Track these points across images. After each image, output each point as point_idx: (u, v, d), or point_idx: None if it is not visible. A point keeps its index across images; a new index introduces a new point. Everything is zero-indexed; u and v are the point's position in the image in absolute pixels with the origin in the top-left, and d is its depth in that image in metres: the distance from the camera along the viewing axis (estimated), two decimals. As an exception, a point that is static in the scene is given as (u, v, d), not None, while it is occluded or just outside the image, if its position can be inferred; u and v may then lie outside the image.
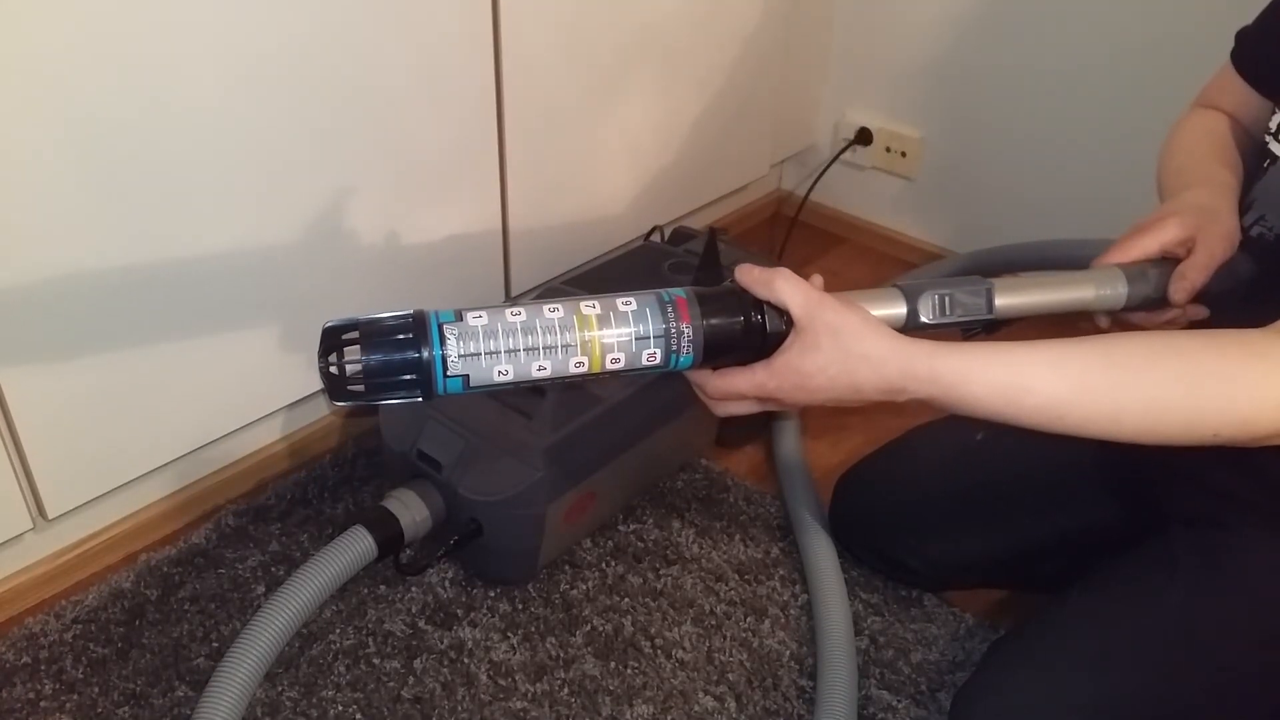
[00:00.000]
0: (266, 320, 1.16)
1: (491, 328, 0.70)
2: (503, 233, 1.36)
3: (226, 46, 1.00)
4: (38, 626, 1.09)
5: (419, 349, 0.69)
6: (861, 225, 1.86)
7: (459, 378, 0.70)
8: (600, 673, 1.07)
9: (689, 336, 0.73)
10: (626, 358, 0.73)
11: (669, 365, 0.74)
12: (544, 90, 1.32)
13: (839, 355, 0.72)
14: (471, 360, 0.70)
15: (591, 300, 0.73)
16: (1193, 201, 0.90)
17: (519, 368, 0.71)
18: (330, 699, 1.03)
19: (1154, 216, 0.90)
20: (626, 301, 0.73)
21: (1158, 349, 0.72)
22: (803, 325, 0.73)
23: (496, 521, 1.10)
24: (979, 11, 1.59)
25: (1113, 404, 0.71)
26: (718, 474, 1.32)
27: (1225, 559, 0.89)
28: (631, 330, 0.72)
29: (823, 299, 0.74)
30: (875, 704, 1.05)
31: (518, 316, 0.71)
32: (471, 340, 0.70)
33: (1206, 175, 0.93)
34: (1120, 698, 0.85)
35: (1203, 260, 0.86)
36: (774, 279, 0.74)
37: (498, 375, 0.71)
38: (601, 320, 0.72)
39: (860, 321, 0.73)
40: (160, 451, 1.15)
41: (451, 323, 0.70)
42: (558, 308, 0.72)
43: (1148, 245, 0.89)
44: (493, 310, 0.72)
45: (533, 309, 0.72)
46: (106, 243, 0.99)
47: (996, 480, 1.09)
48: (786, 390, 0.74)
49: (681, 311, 0.73)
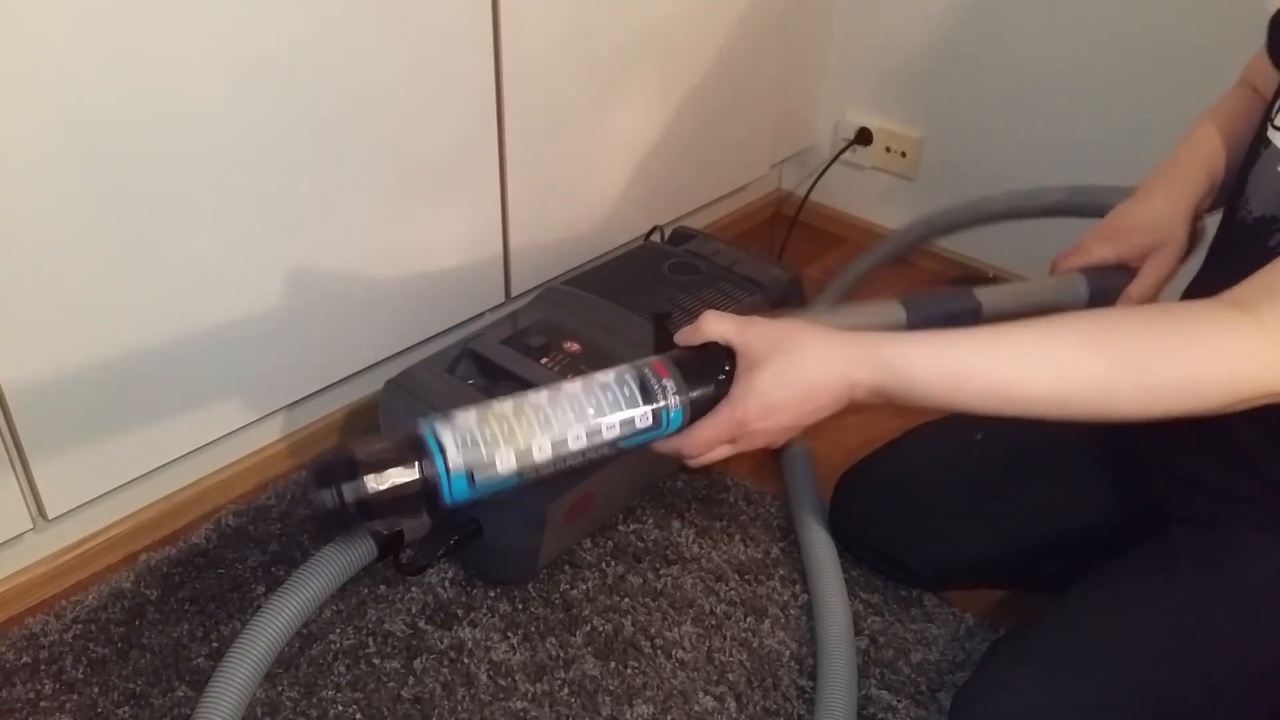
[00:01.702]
0: (267, 320, 1.16)
1: (483, 418, 0.69)
2: (503, 233, 1.36)
3: (226, 47, 1.00)
4: (38, 626, 1.09)
5: (417, 462, 0.67)
6: (862, 225, 1.86)
7: (462, 474, 0.68)
8: (600, 673, 1.07)
9: (673, 389, 0.73)
10: (621, 424, 0.72)
11: (663, 425, 0.74)
12: (544, 90, 1.32)
13: (784, 361, 0.73)
14: (470, 451, 0.68)
15: (573, 380, 0.73)
16: (1149, 217, 0.99)
17: (520, 450, 0.70)
18: (330, 699, 1.03)
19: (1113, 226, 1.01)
20: (605, 374, 0.74)
21: (1105, 329, 0.73)
22: (741, 349, 0.74)
23: (496, 521, 1.10)
24: (979, 11, 1.59)
25: (1060, 387, 0.72)
26: (718, 474, 1.32)
27: (1225, 559, 0.89)
28: (619, 396, 0.72)
29: (751, 320, 0.74)
30: (875, 704, 1.05)
31: (505, 403, 0.71)
32: (467, 439, 0.69)
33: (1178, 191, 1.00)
34: (1120, 698, 0.85)
35: (1151, 277, 0.98)
36: (701, 322, 0.75)
37: (501, 466, 0.69)
38: (586, 390, 0.72)
39: (793, 325, 0.74)
40: (160, 451, 1.15)
41: (444, 423, 0.69)
42: (542, 391, 0.72)
43: (1105, 255, 1.00)
44: (480, 407, 0.71)
45: (519, 398, 0.72)
46: (106, 242, 0.99)
47: (996, 480, 1.09)
48: (754, 417, 0.74)
49: (659, 370, 0.74)
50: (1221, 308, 0.72)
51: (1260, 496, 0.89)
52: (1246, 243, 0.88)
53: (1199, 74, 1.04)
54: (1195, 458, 0.92)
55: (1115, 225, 1.01)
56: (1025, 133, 1.61)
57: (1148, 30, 1.43)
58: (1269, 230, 0.86)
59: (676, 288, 1.28)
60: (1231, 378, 0.70)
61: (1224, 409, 0.72)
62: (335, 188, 1.15)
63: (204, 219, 1.05)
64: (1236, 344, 0.70)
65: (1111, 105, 1.50)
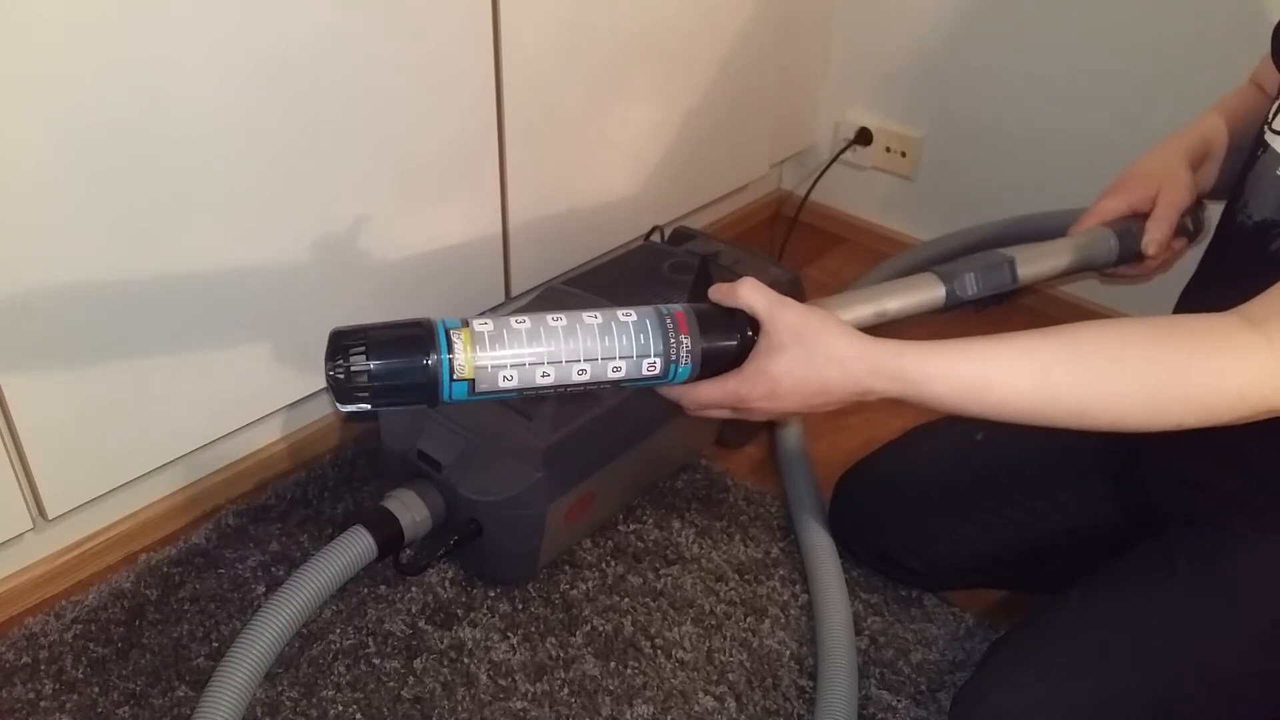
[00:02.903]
0: (267, 320, 1.16)
1: (497, 334, 0.71)
2: (503, 233, 1.36)
3: (227, 48, 1.00)
4: (38, 626, 1.09)
5: (426, 354, 0.70)
6: (861, 225, 1.86)
7: (464, 382, 0.71)
8: (600, 673, 1.07)
9: (688, 348, 0.75)
10: (628, 367, 0.74)
11: (668, 376, 0.76)
12: (544, 90, 1.32)
13: (804, 355, 0.74)
14: (477, 366, 0.70)
15: (594, 311, 0.74)
16: (1146, 165, 1.02)
17: (524, 374, 0.72)
18: (330, 699, 1.03)
19: (1116, 182, 1.03)
20: (627, 313, 0.75)
21: (1121, 343, 0.74)
22: (767, 328, 0.75)
23: (496, 521, 1.10)
24: (979, 11, 1.59)
25: (1076, 400, 0.74)
26: (718, 474, 1.32)
27: (1225, 559, 0.89)
28: (633, 340, 0.74)
29: (785, 302, 0.75)
30: (875, 704, 1.05)
31: (522, 324, 0.72)
32: (478, 346, 0.71)
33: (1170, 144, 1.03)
34: (1120, 698, 0.85)
35: (1164, 211, 0.98)
36: (738, 287, 0.76)
37: (503, 381, 0.71)
38: (604, 330, 0.73)
39: (821, 322, 0.75)
40: (160, 451, 1.15)
41: (458, 328, 0.71)
42: (561, 317, 0.73)
43: (1117, 206, 1.01)
44: (498, 319, 0.72)
45: (537, 318, 0.73)
46: (106, 243, 0.99)
47: (997, 480, 1.09)
48: (758, 397, 0.75)
49: (680, 324, 0.75)
50: (1234, 324, 0.73)
51: (1260, 498, 0.89)
52: (1246, 247, 0.88)
53: (1199, 74, 1.04)
54: (1195, 459, 0.92)
55: (1119, 181, 1.04)
56: (1025, 133, 1.61)
57: (1148, 30, 1.43)
58: (1269, 235, 0.86)
59: (677, 288, 1.28)
60: (1241, 394, 0.71)
61: (1232, 422, 0.73)
62: (335, 188, 1.15)
63: (204, 219, 1.05)
64: (1247, 361, 0.71)
65: (1111, 105, 1.50)
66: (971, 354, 0.74)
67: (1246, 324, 0.72)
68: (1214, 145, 1.03)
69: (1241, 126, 1.01)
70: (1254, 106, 1.01)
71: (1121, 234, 1.00)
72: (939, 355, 0.74)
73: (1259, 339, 0.71)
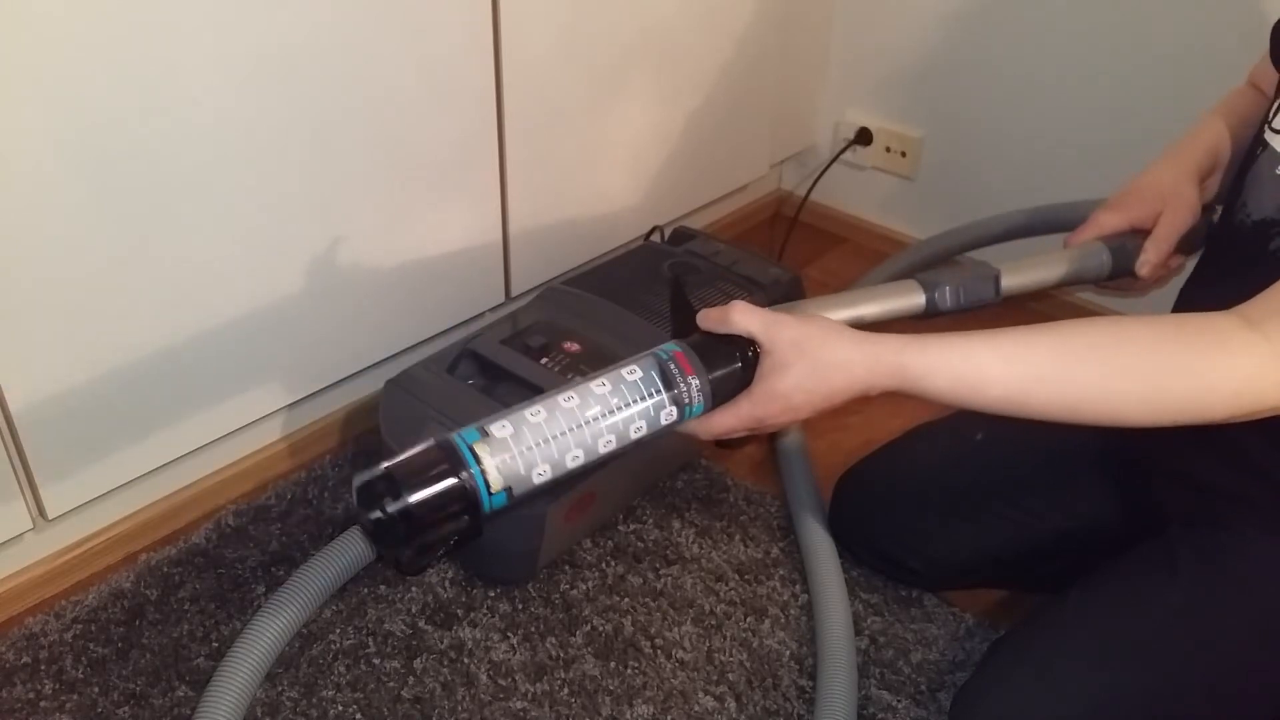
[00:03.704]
0: (267, 320, 1.16)
1: (519, 434, 0.71)
2: (503, 233, 1.36)
3: (226, 49, 1.00)
4: (38, 626, 1.09)
5: (456, 473, 0.69)
6: (861, 225, 1.86)
7: (503, 491, 0.71)
8: (600, 673, 1.07)
9: (698, 387, 0.76)
10: (648, 423, 0.75)
11: (685, 417, 0.77)
12: (544, 91, 1.32)
13: (808, 367, 0.75)
14: (509, 470, 0.70)
15: (600, 379, 0.74)
16: (1153, 180, 1.00)
17: (555, 464, 0.72)
18: (330, 699, 1.03)
19: (1119, 194, 1.00)
20: (631, 370, 0.75)
21: (1119, 340, 0.75)
22: (768, 348, 0.76)
23: (496, 521, 1.09)
24: (979, 11, 1.59)
25: (1072, 395, 0.75)
26: (718, 474, 1.32)
27: (1225, 559, 0.89)
28: (646, 397, 0.74)
29: (779, 318, 0.77)
30: (875, 704, 1.05)
31: (538, 416, 0.72)
32: (502, 450, 0.71)
33: (1179, 158, 1.01)
34: (1120, 698, 0.85)
35: (1165, 233, 0.96)
36: (729, 313, 0.77)
37: (537, 477, 0.72)
38: (615, 394, 0.74)
39: (820, 329, 0.77)
40: (160, 451, 1.15)
41: (478, 440, 0.70)
42: (572, 395, 0.73)
43: (1116, 222, 0.99)
44: (514, 416, 0.72)
45: (550, 404, 0.73)
46: (106, 243, 0.99)
47: (997, 480, 1.09)
48: (774, 415, 0.77)
49: (684, 366, 0.76)
50: (1233, 323, 0.73)
51: (1262, 496, 0.89)
52: (1245, 246, 0.89)
53: (1200, 74, 1.04)
54: (1197, 459, 0.92)
55: (1121, 195, 1.02)
56: (1025, 133, 1.61)
57: (1148, 30, 1.43)
58: (1268, 234, 0.86)
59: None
60: (1238, 393, 0.72)
61: (1229, 420, 0.74)
62: (335, 188, 1.15)
63: (204, 220, 1.05)
64: (1244, 361, 0.72)
65: (1112, 105, 1.50)
66: (970, 349, 0.75)
67: (1245, 323, 0.72)
68: (1221, 156, 1.01)
69: (1242, 130, 1.01)
70: (1253, 108, 1.01)
71: (1116, 250, 0.97)
72: (938, 351, 0.75)
73: (1257, 338, 0.71)
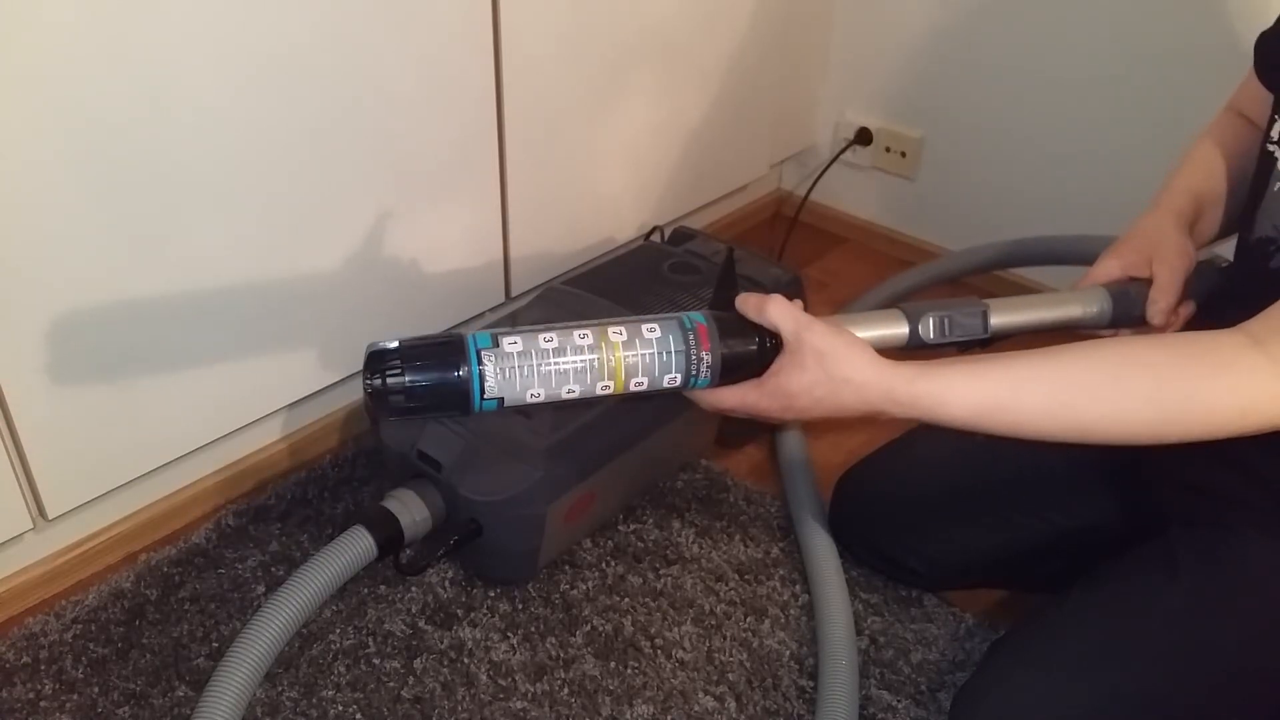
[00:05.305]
0: (267, 320, 1.16)
1: (526, 352, 0.75)
2: (503, 233, 1.36)
3: (227, 49, 1.00)
4: (38, 626, 1.09)
5: (457, 367, 0.74)
6: (861, 225, 1.86)
7: (495, 399, 0.75)
8: (600, 673, 1.07)
9: (708, 363, 0.78)
10: (649, 381, 0.77)
11: (688, 386, 0.79)
12: (544, 91, 1.32)
13: (824, 377, 0.77)
14: (506, 383, 0.74)
15: (619, 326, 0.77)
16: (1141, 229, 0.99)
17: (550, 390, 0.76)
18: (330, 699, 1.03)
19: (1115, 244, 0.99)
20: (651, 328, 0.77)
21: (1128, 363, 0.77)
22: (791, 347, 0.78)
23: (496, 521, 1.10)
24: (979, 12, 1.59)
25: (1087, 419, 0.77)
26: (718, 474, 1.32)
27: (1225, 559, 0.89)
28: (655, 356, 0.77)
29: (811, 323, 0.78)
30: (875, 704, 1.05)
31: (550, 342, 0.75)
32: (506, 364, 0.74)
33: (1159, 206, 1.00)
34: (1120, 698, 0.85)
35: (1166, 278, 0.93)
36: (766, 304, 0.79)
37: (530, 397, 0.76)
38: (628, 345, 0.76)
39: (846, 346, 0.78)
40: (160, 451, 1.15)
41: (489, 348, 0.74)
42: (587, 334, 0.76)
43: (1110, 269, 0.97)
44: (526, 335, 0.76)
45: (564, 334, 0.76)
46: (107, 243, 0.99)
47: (997, 480, 1.09)
48: (775, 409, 0.79)
49: (702, 338, 0.78)
50: (1239, 342, 0.75)
51: (1261, 498, 0.89)
52: (1248, 264, 0.90)
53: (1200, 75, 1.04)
54: (1197, 462, 0.91)
55: (1117, 243, 1.01)
56: (1025, 133, 1.61)
57: (1148, 30, 1.43)
58: (1266, 251, 0.86)
59: (676, 288, 1.28)
60: (1243, 411, 0.74)
61: (1234, 435, 0.75)
62: (336, 188, 1.15)
63: (204, 220, 1.05)
64: (1250, 379, 0.73)
65: (1112, 105, 1.50)
66: (985, 376, 0.78)
67: (1251, 342, 0.74)
68: (1205, 196, 1.00)
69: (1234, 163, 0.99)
70: (1241, 139, 1.00)
71: (1118, 296, 0.95)
72: (952, 379, 0.77)
73: (1262, 358, 0.73)
